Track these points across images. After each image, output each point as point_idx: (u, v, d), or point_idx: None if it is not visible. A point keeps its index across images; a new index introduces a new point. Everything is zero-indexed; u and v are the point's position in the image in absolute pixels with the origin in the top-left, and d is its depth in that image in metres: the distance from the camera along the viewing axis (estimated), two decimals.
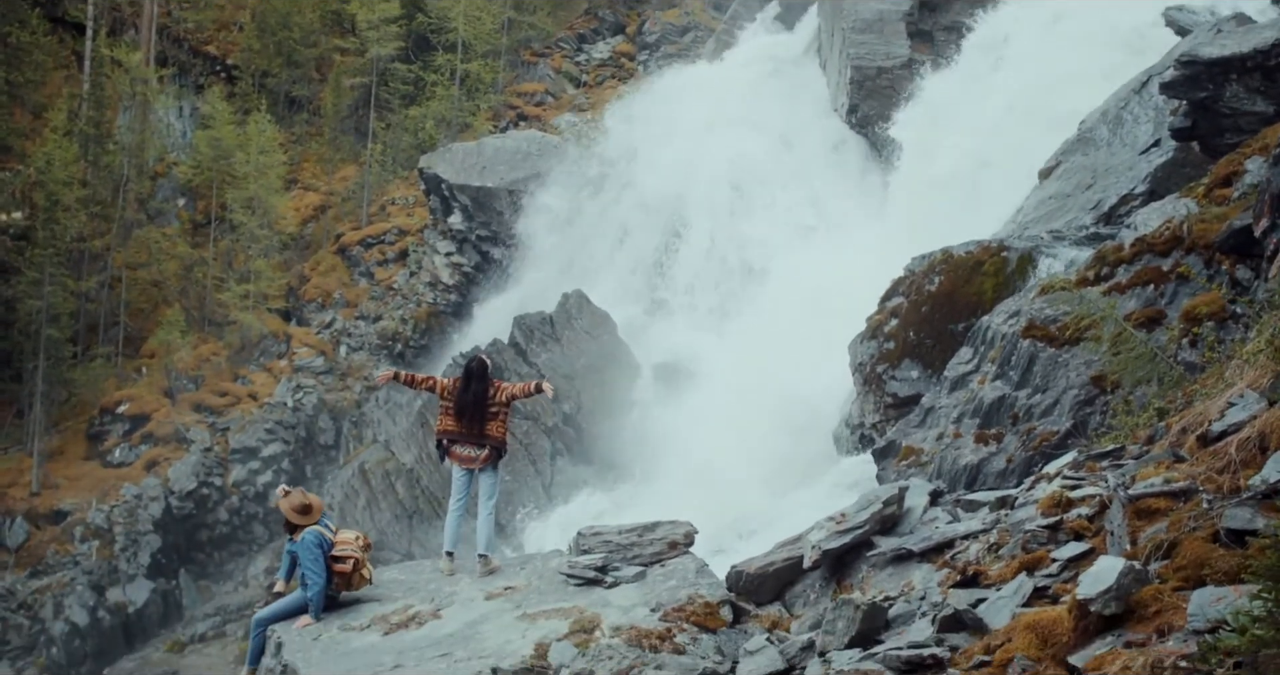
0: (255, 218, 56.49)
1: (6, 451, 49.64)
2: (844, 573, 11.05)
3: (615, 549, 12.52)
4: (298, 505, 12.76)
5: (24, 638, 43.39)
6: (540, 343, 42.03)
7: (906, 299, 23.31)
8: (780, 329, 35.57)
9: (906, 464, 19.28)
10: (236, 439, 49.65)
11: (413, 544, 40.30)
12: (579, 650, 9.89)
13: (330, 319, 56.68)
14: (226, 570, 47.80)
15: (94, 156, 57.44)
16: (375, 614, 12.26)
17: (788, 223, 43.75)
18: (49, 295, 49.41)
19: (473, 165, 54.65)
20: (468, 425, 13.51)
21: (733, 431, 33.02)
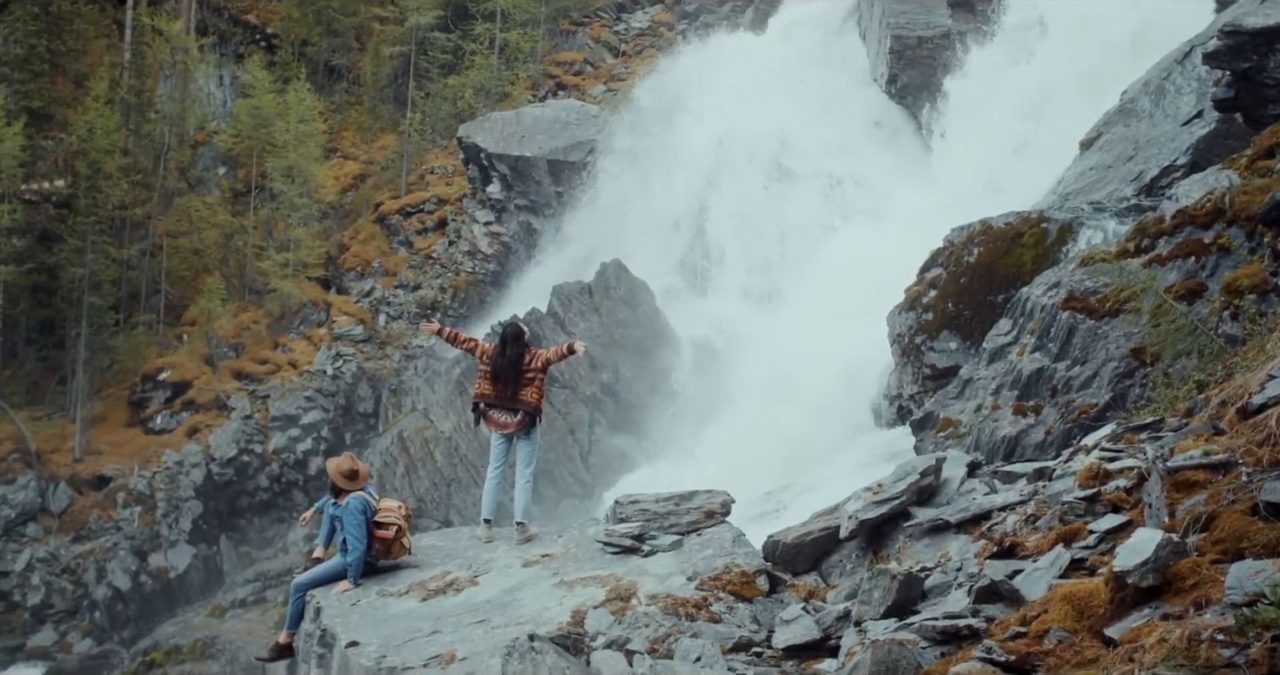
0: (295, 186, 56.65)
1: (50, 418, 50.07)
2: (880, 543, 11.05)
3: (652, 518, 12.54)
4: (345, 470, 12.84)
5: (68, 602, 43.88)
6: (579, 312, 42.07)
7: (945, 270, 23.23)
8: (818, 299, 35.51)
9: (944, 435, 19.26)
10: (276, 406, 49.94)
11: (451, 511, 40.50)
12: (615, 618, 9.94)
13: (370, 288, 56.85)
14: (266, 536, 48.17)
15: (135, 125, 57.74)
16: (413, 580, 12.33)
17: (826, 193, 43.58)
18: (91, 263, 49.76)
19: (511, 135, 54.62)
20: (502, 390, 13.53)
21: (770, 401, 33.00)
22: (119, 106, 56.56)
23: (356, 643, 10.65)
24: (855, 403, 28.39)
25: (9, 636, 42.95)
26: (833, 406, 30.06)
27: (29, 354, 53.50)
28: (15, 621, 43.37)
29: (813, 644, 8.93)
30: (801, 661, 8.68)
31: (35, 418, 49.51)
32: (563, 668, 8.26)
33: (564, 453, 39.56)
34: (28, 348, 53.51)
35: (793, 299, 38.54)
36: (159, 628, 42.28)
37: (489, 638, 10.17)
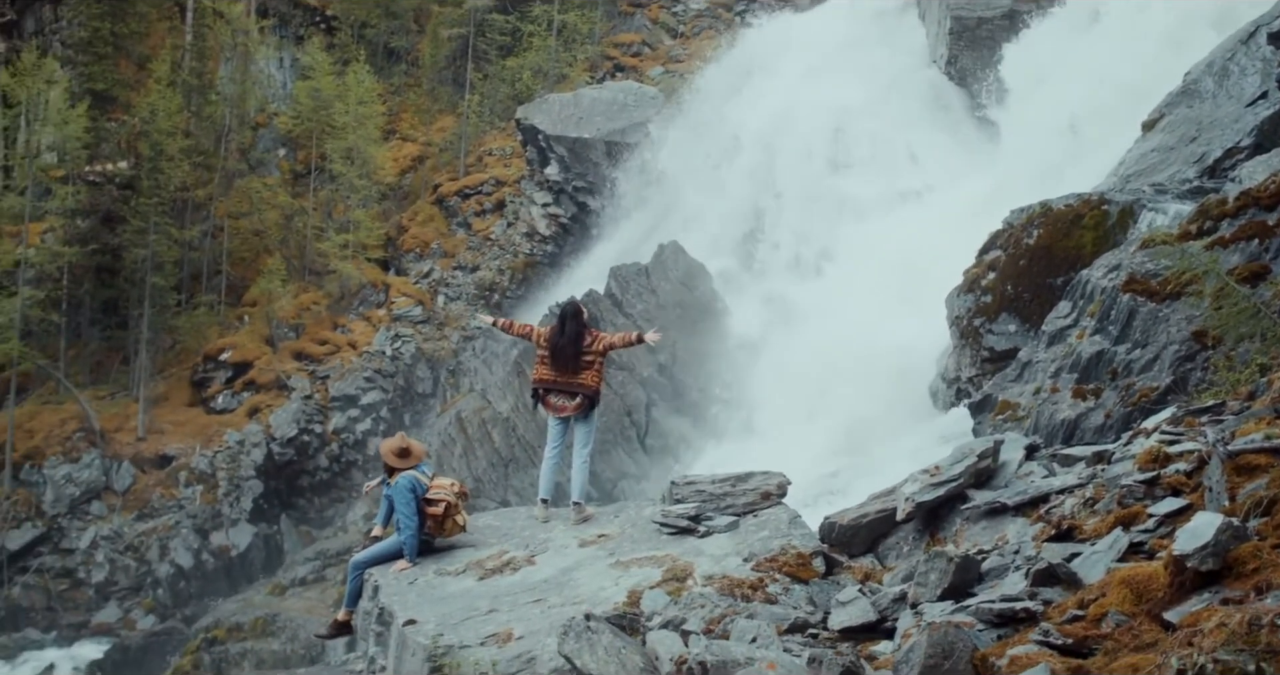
0: (354, 168, 56.94)
1: (114, 397, 50.64)
2: (937, 526, 11.01)
3: (708, 498, 12.54)
4: (397, 448, 12.92)
5: (131, 579, 44.43)
6: (635, 293, 42.06)
7: (1004, 252, 23.05)
8: (877, 281, 35.32)
9: (1003, 418, 19.14)
10: (336, 387, 50.30)
11: (508, 492, 40.66)
12: (671, 598, 9.95)
13: (428, 269, 57.09)
14: (326, 516, 48.58)
15: (196, 107, 58.23)
16: (470, 559, 12.39)
17: (885, 175, 43.32)
18: (153, 244, 50.24)
19: (569, 116, 54.64)
20: (561, 373, 13.54)
21: (828, 383, 32.90)
22: (181, 89, 57.02)
23: (414, 621, 10.71)
24: (912, 385, 28.25)
25: (74, 613, 43.54)
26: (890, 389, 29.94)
27: (93, 334, 54.12)
28: (80, 598, 43.96)
29: (869, 626, 8.93)
30: (857, 643, 8.67)
31: (99, 397, 50.10)
32: (618, 647, 8.29)
33: (621, 434, 39.61)
34: (92, 328, 54.13)
35: (850, 281, 38.31)
36: (220, 605, 42.73)
37: (545, 617, 10.21)
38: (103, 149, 56.78)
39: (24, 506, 44.87)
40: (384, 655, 11.26)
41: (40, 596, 43.72)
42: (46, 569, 44.38)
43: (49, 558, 44.63)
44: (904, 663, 6.90)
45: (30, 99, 54.71)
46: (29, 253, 49.46)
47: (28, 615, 43.13)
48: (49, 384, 50.75)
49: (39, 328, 50.62)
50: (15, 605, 43.06)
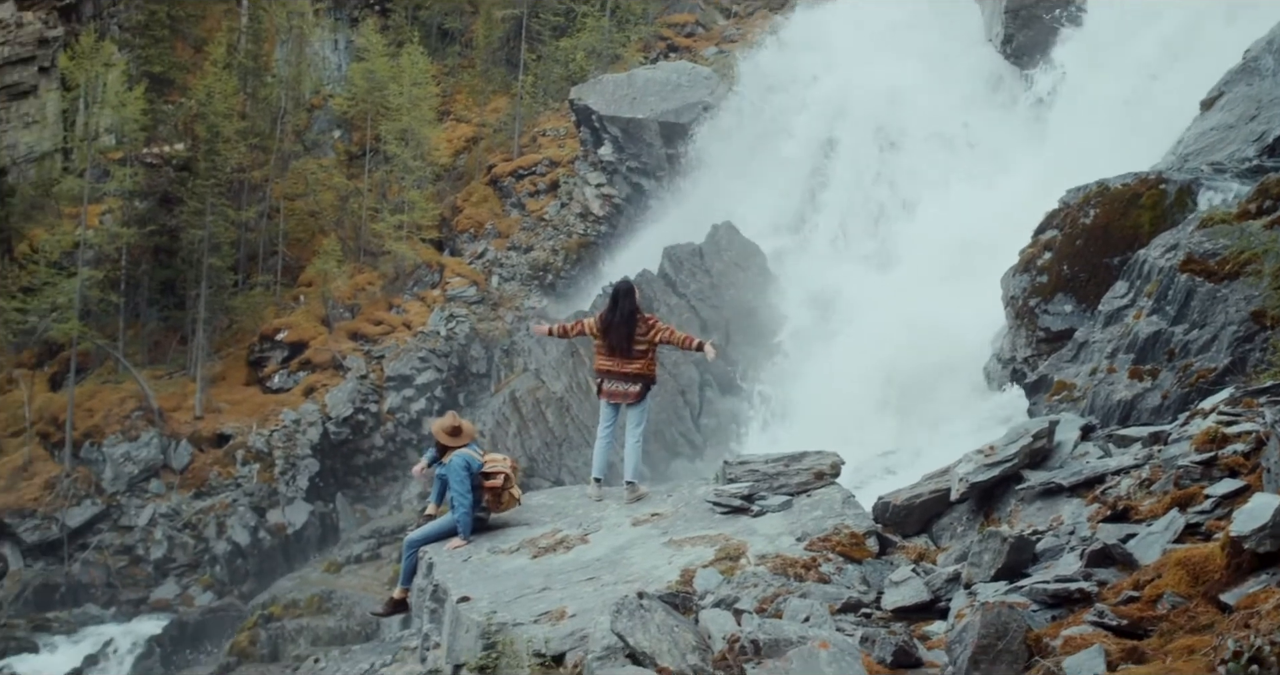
0: (409, 149, 57.12)
1: (171, 376, 51.11)
2: (991, 506, 10.98)
3: (761, 478, 12.54)
4: (448, 427, 12.98)
5: (189, 556, 44.88)
6: (689, 274, 42.04)
7: (1061, 232, 22.87)
8: (932, 261, 35.16)
9: (1058, 399, 19.02)
10: (391, 367, 50.56)
11: (562, 471, 40.78)
12: (724, 577, 9.97)
13: (482, 249, 57.23)
14: (381, 495, 48.86)
15: (252, 89, 58.58)
16: (524, 538, 12.45)
17: (939, 154, 43.04)
18: (210, 225, 50.61)
19: (623, 97, 54.59)
20: (618, 358, 13.55)
21: (882, 364, 32.79)
22: (237, 71, 57.37)
23: (468, 598, 10.78)
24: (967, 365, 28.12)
25: (133, 589, 44.03)
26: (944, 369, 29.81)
27: (151, 314, 54.59)
28: (139, 575, 44.44)
29: (922, 606, 8.92)
30: (911, 623, 8.66)
31: (157, 376, 50.58)
32: (671, 625, 8.32)
33: (674, 413, 39.64)
34: (150, 308, 54.59)
35: (905, 260, 38.15)
36: (277, 582, 43.06)
37: (598, 595, 10.25)
38: (160, 131, 57.24)
39: (84, 484, 45.39)
40: (438, 632, 11.34)
41: (100, 573, 44.22)
42: (106, 546, 44.88)
43: (108, 535, 45.13)
44: (957, 642, 6.89)
45: (88, 82, 55.19)
46: (88, 234, 49.94)
47: (88, 591, 43.64)
48: (108, 363, 51.27)
49: (98, 308, 51.10)
50: (75, 581, 43.58)
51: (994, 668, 6.65)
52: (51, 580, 43.38)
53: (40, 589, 43.08)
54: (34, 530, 44.14)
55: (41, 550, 44.19)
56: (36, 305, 48.37)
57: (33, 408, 47.77)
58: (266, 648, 38.42)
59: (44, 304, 48.42)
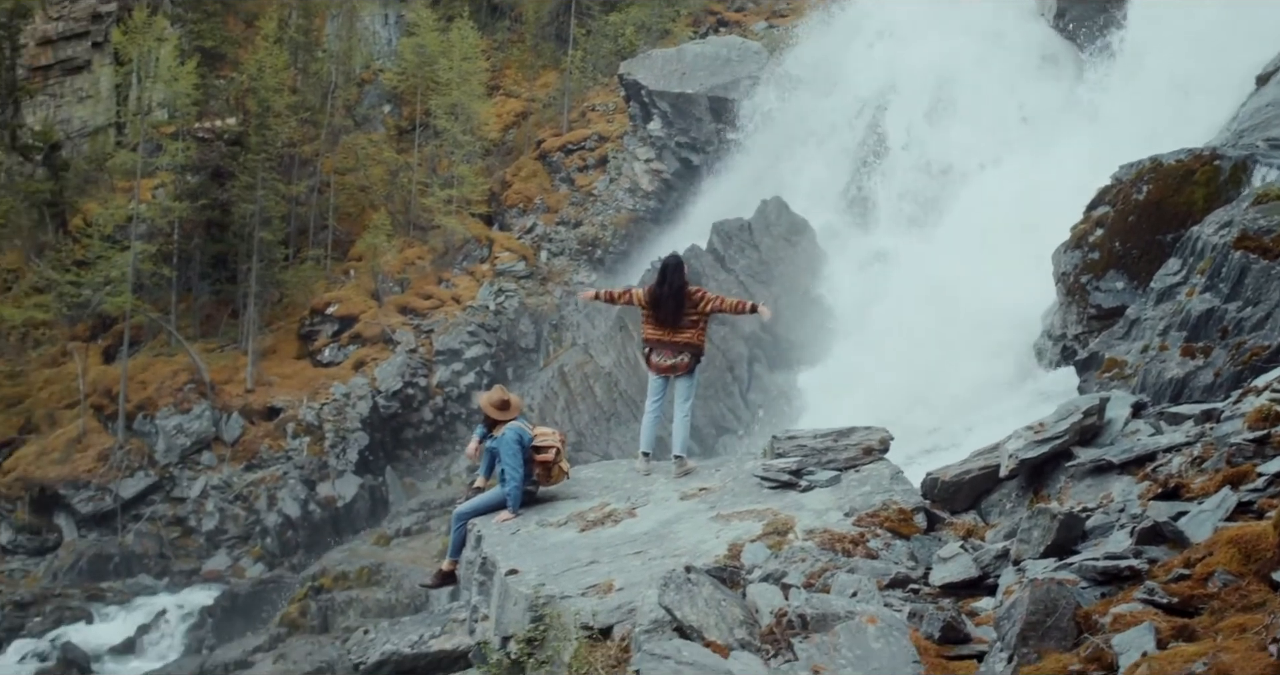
0: (458, 124, 57.21)
1: (223, 350, 51.50)
2: (1041, 483, 10.90)
3: (810, 453, 12.50)
4: (497, 401, 13.00)
5: (240, 528, 45.27)
6: (738, 249, 41.94)
7: (1113, 208, 22.68)
8: (982, 238, 34.93)
9: (1109, 376, 18.89)
10: (440, 341, 50.76)
11: (610, 445, 40.83)
12: (772, 552, 9.95)
13: (531, 224, 57.32)
14: (430, 468, 49.11)
15: (303, 64, 58.81)
16: (572, 511, 12.47)
17: (992, 129, 42.71)
18: (261, 199, 50.90)
19: (672, 71, 54.45)
20: (666, 330, 13.51)
21: (932, 341, 32.64)
22: (288, 46, 57.58)
23: (516, 571, 10.81)
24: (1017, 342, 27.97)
25: (185, 560, 44.48)
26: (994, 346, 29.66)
27: (203, 288, 55.00)
28: (191, 546, 44.88)
29: (970, 582, 8.88)
30: (959, 599, 8.64)
31: (209, 350, 50.98)
32: (719, 599, 8.33)
33: (723, 389, 39.61)
34: (202, 282, 55.00)
35: (955, 236, 37.89)
36: (327, 554, 43.38)
37: (646, 569, 10.26)
38: (212, 106, 57.57)
39: (137, 456, 45.85)
40: (486, 604, 11.38)
41: (153, 544, 44.68)
42: (159, 517, 45.35)
43: (161, 506, 45.59)
44: (1006, 619, 6.87)
45: (141, 57, 55.56)
46: (141, 208, 50.33)
47: (141, 562, 44.10)
48: (161, 336, 51.72)
49: (151, 281, 51.53)
50: (129, 552, 44.05)
51: (1043, 644, 6.63)
52: (105, 551, 43.86)
53: (94, 559, 43.57)
54: (88, 501, 44.64)
55: (95, 521, 44.69)
56: (90, 279, 48.82)
57: (87, 380, 48.26)
58: (316, 619, 38.74)
59: (98, 277, 48.86)
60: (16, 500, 44.66)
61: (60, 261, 50.35)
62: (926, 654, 7.10)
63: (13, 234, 55.24)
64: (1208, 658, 5.75)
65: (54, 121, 60.61)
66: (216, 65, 61.02)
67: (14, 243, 55.53)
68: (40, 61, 62.10)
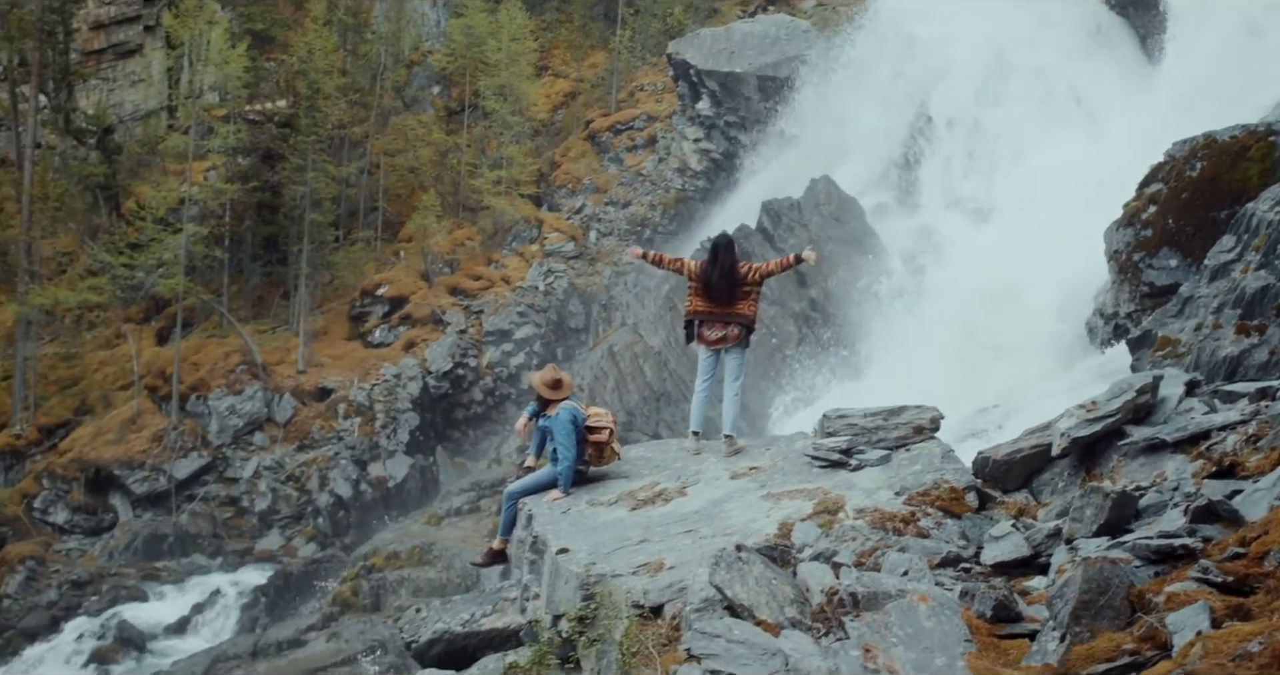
0: (507, 104, 57.27)
1: (275, 331, 51.82)
2: (1093, 462, 10.83)
3: (860, 432, 12.47)
4: (549, 380, 13.02)
5: (292, 508, 45.60)
6: (788, 228, 41.80)
7: (1166, 185, 22.49)
8: (1032, 215, 34.73)
9: (1162, 355, 18.75)
10: (490, 322, 50.90)
11: (659, 425, 40.85)
12: (822, 530, 9.95)
13: (580, 204, 57.35)
14: (481, 448, 49.29)
15: (352, 46, 58.98)
16: (622, 490, 12.48)
17: (1042, 105, 42.37)
18: (312, 181, 51.12)
19: (721, 51, 54.27)
20: (717, 303, 13.47)
21: (981, 319, 32.49)
22: (337, 28, 57.76)
23: (567, 550, 10.84)
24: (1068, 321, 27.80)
25: (238, 540, 44.84)
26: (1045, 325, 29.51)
27: (254, 270, 55.36)
28: (244, 525, 45.24)
29: (1022, 561, 8.86)
30: (1010, 578, 8.61)
31: (261, 331, 51.31)
32: (769, 578, 8.34)
33: (772, 368, 39.55)
34: (253, 263, 55.37)
35: (1006, 215, 37.71)
36: (378, 534, 43.61)
37: (697, 547, 10.27)
38: (262, 88, 57.87)
39: (190, 437, 46.22)
40: (537, 583, 11.42)
41: (206, 524, 45.07)
42: (212, 497, 45.73)
43: (214, 486, 45.97)
44: (1058, 598, 6.85)
45: (192, 40, 55.89)
46: (193, 190, 50.68)
47: (195, 541, 44.49)
48: (213, 318, 52.11)
49: (203, 264, 51.90)
50: (183, 532, 44.45)
51: (1096, 623, 6.60)
52: (160, 530, 44.27)
53: (149, 539, 43.98)
54: (143, 482, 45.06)
55: (150, 501, 45.12)
56: (144, 261, 49.18)
57: (140, 362, 48.68)
58: (368, 598, 38.98)
59: (150, 260, 49.22)
60: (73, 481, 45.11)
61: (114, 244, 50.74)
62: (978, 633, 7.09)
63: (67, 217, 55.76)
64: (1263, 637, 5.71)
65: (107, 105, 61.08)
66: (266, 48, 61.33)
67: (68, 226, 56.06)
68: (93, 46, 62.61)
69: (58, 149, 58.44)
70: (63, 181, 56.37)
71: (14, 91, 56.59)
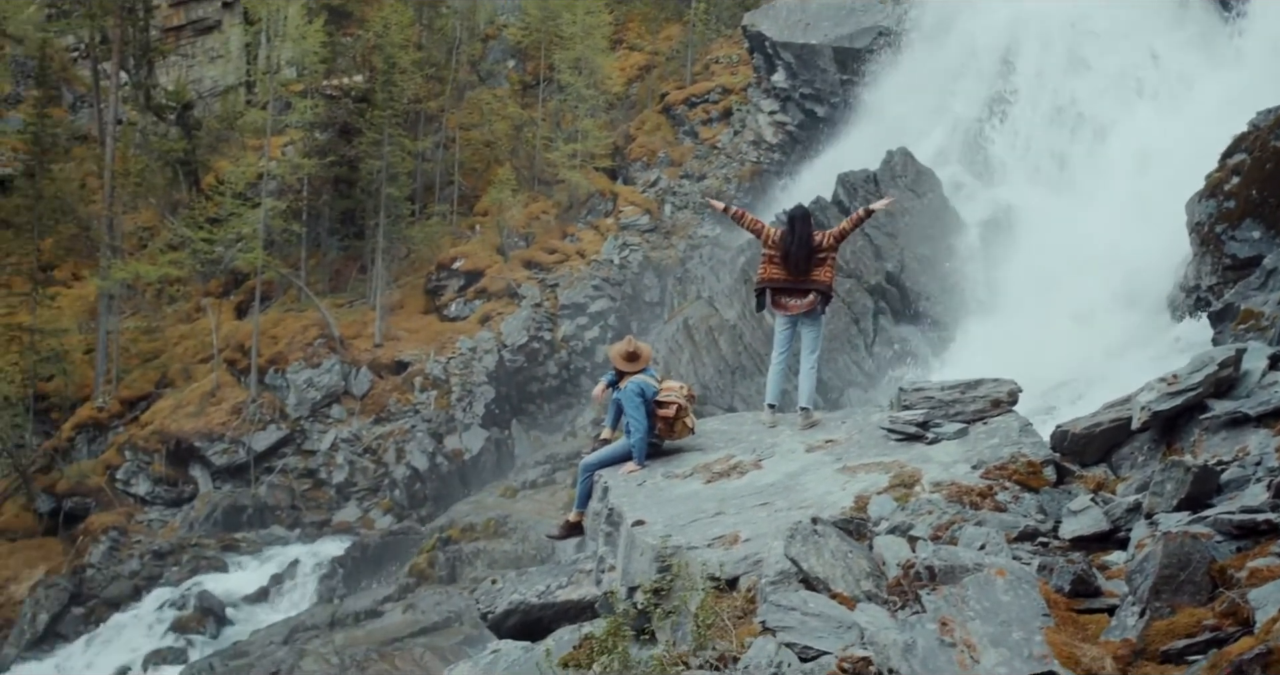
0: (582, 78, 57.25)
1: (351, 305, 52.24)
2: (1174, 436, 10.70)
3: (937, 405, 12.37)
4: (625, 352, 13.02)
5: (369, 480, 46.01)
6: (863, 200, 41.42)
7: (1250, 155, 22.14)
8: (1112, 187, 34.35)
9: (1244, 328, 18.49)
10: (565, 295, 51.04)
11: (734, 398, 40.80)
12: (899, 504, 9.90)
13: (655, 178, 57.29)
14: (555, 421, 49.47)
15: (428, 20, 59.19)
16: (698, 463, 12.48)
17: (1123, 77, 41.82)
18: (388, 155, 51.41)
19: (796, 22, 53.95)
20: (793, 271, 13.40)
21: (1060, 293, 32.20)
22: (412, 2, 57.95)
23: (642, 522, 10.86)
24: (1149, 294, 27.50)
25: (316, 512, 45.32)
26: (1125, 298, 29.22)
27: (332, 244, 55.81)
28: (322, 498, 45.71)
29: (1101, 535, 8.77)
30: (1089, 553, 8.54)
31: (338, 305, 51.74)
32: (845, 551, 8.31)
33: (848, 342, 39.38)
34: (330, 238, 55.82)
35: (1085, 186, 37.30)
36: (454, 507, 43.86)
37: (772, 520, 10.26)
38: (339, 63, 58.19)
39: (269, 409, 46.72)
40: (613, 555, 11.45)
41: (285, 496, 45.57)
42: (290, 469, 46.22)
43: (292, 459, 46.46)
44: (1138, 572, 6.79)
45: (270, 16, 56.35)
46: (271, 165, 51.12)
47: (273, 513, 45.02)
48: (291, 292, 52.61)
49: (281, 238, 52.41)
50: (262, 503, 44.98)
51: (1176, 598, 6.54)
52: (239, 502, 44.83)
53: (228, 510, 44.55)
54: (222, 454, 45.63)
55: (229, 473, 45.69)
56: (223, 236, 49.74)
57: (220, 335, 49.25)
58: (444, 570, 39.26)
59: (230, 234, 49.77)
60: (154, 453, 45.76)
61: (194, 219, 51.32)
62: (1056, 607, 7.04)
63: (148, 193, 56.47)
64: None
65: (186, 81, 61.74)
66: (343, 23, 61.63)
67: (149, 201, 56.76)
68: (173, 22, 63.30)
69: (138, 125, 59.17)
70: (143, 157, 57.08)
71: (96, 69, 57.31)
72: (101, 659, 38.62)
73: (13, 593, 41.77)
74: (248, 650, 36.18)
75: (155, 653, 38.12)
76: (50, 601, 40.81)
